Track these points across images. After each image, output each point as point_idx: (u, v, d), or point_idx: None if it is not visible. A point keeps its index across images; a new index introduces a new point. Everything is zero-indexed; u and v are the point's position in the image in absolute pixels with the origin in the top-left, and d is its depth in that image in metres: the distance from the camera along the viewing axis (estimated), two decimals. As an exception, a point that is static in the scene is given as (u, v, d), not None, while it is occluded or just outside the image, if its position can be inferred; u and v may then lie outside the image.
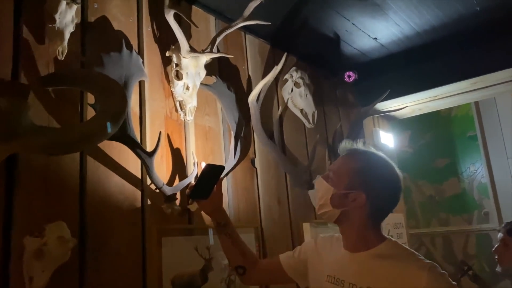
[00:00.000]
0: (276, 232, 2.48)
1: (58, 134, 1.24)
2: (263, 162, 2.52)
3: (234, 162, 2.16)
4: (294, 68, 2.80)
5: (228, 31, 2.07)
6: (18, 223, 1.42)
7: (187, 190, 1.65)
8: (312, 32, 2.78)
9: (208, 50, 1.98)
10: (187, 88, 1.97)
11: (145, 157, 1.72)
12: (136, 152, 1.71)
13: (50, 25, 1.57)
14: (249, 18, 2.04)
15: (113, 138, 1.68)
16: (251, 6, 2.04)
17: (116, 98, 1.41)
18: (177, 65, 1.96)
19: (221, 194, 1.71)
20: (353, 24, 2.70)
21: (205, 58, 2.01)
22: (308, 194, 2.53)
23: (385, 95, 3.21)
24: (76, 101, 1.64)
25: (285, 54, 2.46)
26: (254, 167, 2.44)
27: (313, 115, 2.75)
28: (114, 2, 1.91)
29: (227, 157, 2.24)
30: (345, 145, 1.51)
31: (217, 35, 2.05)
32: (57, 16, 1.57)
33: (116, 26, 1.89)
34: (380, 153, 1.50)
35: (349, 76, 3.15)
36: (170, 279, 1.83)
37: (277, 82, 2.79)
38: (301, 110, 2.77)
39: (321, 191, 1.44)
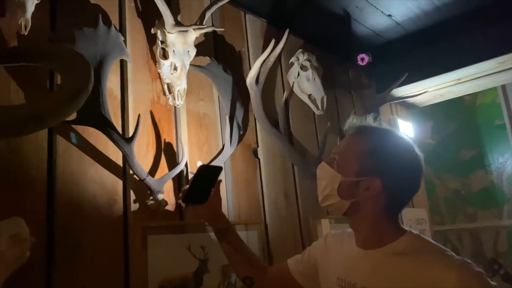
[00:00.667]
0: (283, 230, 2.24)
1: (1, 113, 1.03)
2: (267, 152, 2.28)
3: (231, 151, 1.93)
4: (300, 50, 2.56)
5: (220, 3, 1.84)
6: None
7: (180, 194, 1.45)
8: (319, 10, 2.54)
9: (197, 24, 1.75)
10: (175, 69, 1.75)
11: (123, 143, 1.51)
12: (112, 138, 1.50)
13: (9, -4, 1.38)
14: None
15: (85, 122, 1.48)
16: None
17: (78, 73, 1.20)
18: (162, 42, 1.75)
19: (220, 198, 1.51)
20: (363, -2, 2.44)
21: (194, 34, 1.79)
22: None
23: (402, 79, 2.94)
24: (45, 82, 1.44)
25: (287, 30, 2.21)
26: (257, 157, 2.21)
27: (322, 101, 2.50)
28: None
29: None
30: (352, 121, 1.27)
31: (207, 8, 1.82)
32: (14, -13, 1.38)
33: (92, 8, 1.69)
34: (396, 130, 1.26)
35: (362, 59, 2.89)
36: (158, 283, 1.61)
37: (282, 66, 2.55)
38: (309, 96, 2.53)
39: (325, 179, 1.20)
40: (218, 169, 1.42)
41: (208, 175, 1.42)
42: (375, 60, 3.07)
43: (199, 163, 1.58)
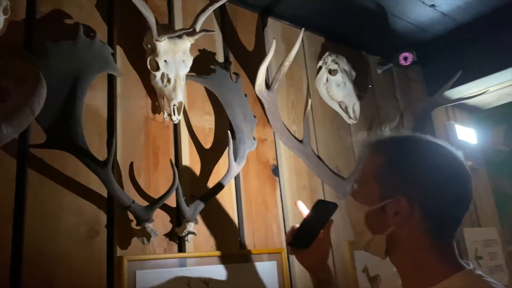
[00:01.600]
0: (311, 257, 1.94)
1: None
2: (289, 169, 2.01)
3: (237, 170, 1.69)
4: (328, 52, 2.27)
5: (216, 5, 1.63)
6: None
7: (288, 235, 1.21)
8: (349, 7, 2.24)
9: (188, 30, 1.55)
10: (168, 81, 1.56)
11: (97, 168, 1.33)
12: (85, 162, 1.33)
13: (-29, 10, 1.27)
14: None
15: (55, 145, 1.33)
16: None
17: (24, 92, 1.04)
18: (152, 52, 1.56)
19: (329, 243, 1.25)
20: (398, -12, 2.11)
21: (187, 41, 1.59)
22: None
23: (455, 78, 2.53)
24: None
25: (302, 30, 1.94)
26: (276, 176, 1.95)
27: (354, 108, 2.19)
28: (75, -16, 1.58)
29: (235, 165, 1.78)
30: (363, 137, 1.05)
31: (201, 12, 1.61)
32: (-23, 0, 1.26)
33: (76, 12, 1.55)
34: (424, 136, 0.98)
35: (405, 58, 2.53)
36: (149, 327, 1.40)
37: (307, 71, 2.28)
38: (340, 103, 2.23)
39: (352, 215, 1.00)
40: (334, 207, 1.18)
41: (322, 213, 1.18)
42: (423, 58, 2.70)
43: (300, 203, 1.32)
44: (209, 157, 1.74)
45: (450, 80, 2.57)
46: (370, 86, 2.52)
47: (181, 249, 1.57)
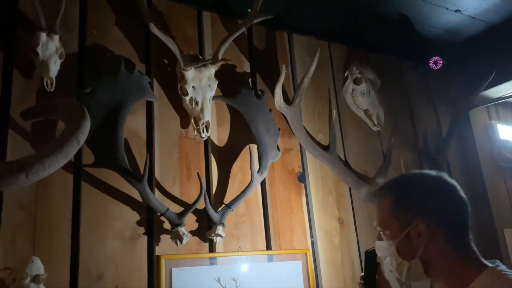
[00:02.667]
0: (336, 259, 2.09)
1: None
2: (315, 176, 2.17)
3: (260, 179, 1.89)
4: (354, 63, 2.40)
5: (235, 34, 1.84)
6: (1, 258, 1.42)
7: (360, 283, 1.36)
8: (373, 18, 2.35)
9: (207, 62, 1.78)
10: (196, 103, 1.80)
11: (135, 182, 1.60)
12: (126, 178, 1.61)
13: (35, 59, 1.59)
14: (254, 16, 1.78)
15: (101, 164, 1.62)
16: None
17: (72, 125, 1.32)
18: (181, 80, 1.81)
19: (386, 281, 1.35)
20: (417, -3, 2.19)
21: (212, 68, 1.82)
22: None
23: (489, 79, 2.54)
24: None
25: (318, 50, 2.09)
26: (302, 182, 2.12)
27: (378, 116, 2.29)
28: (117, 25, 1.87)
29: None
30: (367, 191, 1.22)
31: (222, 41, 1.84)
32: (39, 49, 1.58)
33: (118, 49, 1.84)
34: (412, 171, 1.22)
35: (435, 63, 2.58)
36: (183, 316, 1.65)
37: (335, 81, 2.42)
38: (365, 111, 2.34)
39: (386, 254, 1.14)
40: (374, 252, 1.29)
41: (371, 260, 1.32)
42: (457, 60, 2.72)
43: None
44: (235, 168, 1.95)
45: (484, 81, 2.58)
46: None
47: (212, 249, 1.80)
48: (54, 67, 1.61)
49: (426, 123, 2.72)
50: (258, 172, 1.88)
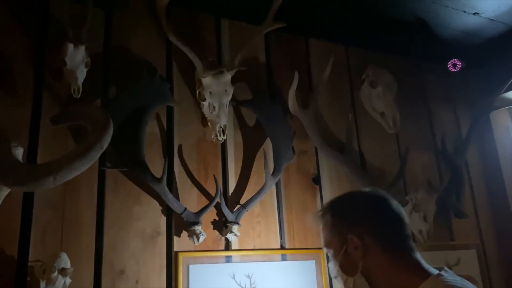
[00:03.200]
0: (351, 258, 2.14)
1: (26, 170, 1.31)
2: (329, 178, 2.23)
3: (274, 180, 1.96)
4: (370, 66, 2.43)
5: (250, 43, 1.92)
6: (32, 251, 1.55)
7: None
8: (390, 22, 2.37)
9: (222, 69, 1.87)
10: (213, 108, 1.89)
11: (155, 183, 1.70)
12: (146, 179, 1.71)
13: (63, 67, 1.71)
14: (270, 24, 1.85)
15: (125, 166, 1.73)
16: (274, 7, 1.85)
17: (96, 130, 1.43)
18: (199, 86, 1.90)
19: None
20: (433, 2, 2.20)
21: (228, 74, 1.90)
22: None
23: (511, 80, 2.52)
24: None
25: (332, 57, 2.13)
26: (317, 184, 2.18)
27: (394, 118, 2.32)
28: (139, 34, 1.97)
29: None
30: (313, 215, 1.37)
31: (238, 50, 1.92)
32: (66, 59, 1.70)
33: (141, 56, 1.95)
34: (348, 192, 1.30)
35: (454, 65, 2.58)
36: (200, 310, 1.74)
37: (352, 84, 2.46)
38: (381, 114, 2.37)
39: (335, 273, 1.20)
40: None
41: None
42: (477, 62, 2.71)
43: None
44: (252, 170, 2.03)
45: (505, 82, 2.56)
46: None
47: (228, 247, 1.89)
48: (81, 75, 1.73)
49: (445, 125, 2.71)
50: (272, 174, 1.95)
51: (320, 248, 2.02)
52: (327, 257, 1.23)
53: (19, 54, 1.72)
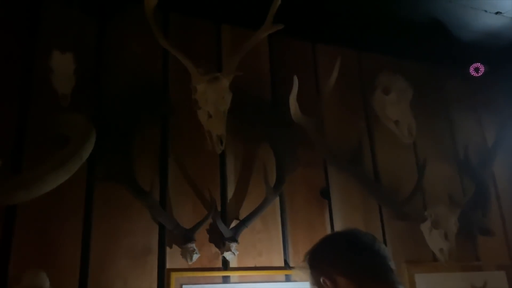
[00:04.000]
0: (364, 279, 1.95)
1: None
2: (339, 191, 2.06)
3: (274, 194, 1.81)
4: (383, 71, 2.27)
5: (248, 47, 1.79)
6: (11, 269, 1.45)
7: None
8: (408, 25, 2.22)
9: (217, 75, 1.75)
10: (210, 116, 1.77)
11: (143, 197, 1.58)
12: (134, 193, 1.60)
13: (50, 75, 1.64)
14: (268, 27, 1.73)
15: (113, 179, 1.62)
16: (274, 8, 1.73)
17: (76, 141, 1.33)
18: (195, 92, 1.79)
19: None
20: (449, 1, 2.03)
21: (225, 80, 1.78)
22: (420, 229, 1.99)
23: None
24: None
25: (339, 58, 1.97)
26: (325, 198, 2.02)
27: (410, 127, 2.14)
28: (134, 40, 1.89)
29: (280, 189, 1.91)
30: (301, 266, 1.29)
31: (234, 55, 1.79)
32: (53, 66, 1.62)
33: (135, 63, 1.86)
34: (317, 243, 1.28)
35: (476, 69, 2.39)
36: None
37: (364, 91, 2.31)
38: (396, 122, 2.20)
39: None
40: None
41: None
42: (501, 65, 2.51)
43: None
44: (252, 183, 1.89)
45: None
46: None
47: (226, 266, 1.74)
48: (69, 83, 1.65)
49: (467, 133, 2.51)
50: (274, 187, 1.80)
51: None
52: None
53: (4, 59, 1.65)
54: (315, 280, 1.17)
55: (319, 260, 1.21)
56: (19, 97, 1.64)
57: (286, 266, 1.83)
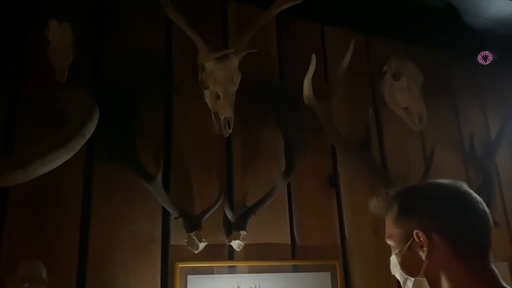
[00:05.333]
0: (371, 271, 1.89)
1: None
2: (348, 179, 1.99)
3: (283, 181, 1.72)
4: (393, 57, 2.19)
5: (260, 24, 1.69)
6: (3, 256, 1.33)
7: None
8: (420, 9, 2.14)
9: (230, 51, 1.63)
10: (218, 97, 1.66)
11: (148, 181, 1.47)
12: (139, 176, 1.48)
13: (46, 47, 1.50)
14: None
15: (115, 162, 1.50)
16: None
17: (78, 119, 1.21)
18: (202, 71, 1.67)
19: None
20: (466, -17, 1.96)
21: (235, 59, 1.67)
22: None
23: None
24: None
25: (353, 40, 1.88)
26: (333, 186, 1.94)
27: (421, 115, 2.07)
28: (137, 13, 1.75)
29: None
30: (375, 202, 1.14)
31: (246, 32, 1.69)
32: (50, 37, 1.48)
33: (138, 38, 1.73)
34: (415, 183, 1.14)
35: (485, 58, 2.33)
36: (198, 328, 1.51)
37: (372, 76, 2.23)
38: (405, 109, 2.13)
39: (395, 270, 1.13)
40: None
41: None
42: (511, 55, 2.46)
43: None
44: (260, 168, 1.80)
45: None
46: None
47: (232, 256, 1.65)
48: (66, 57, 1.52)
49: (473, 123, 2.47)
50: (283, 173, 1.71)
51: (336, 259, 1.81)
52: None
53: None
54: (402, 227, 0.99)
55: (419, 207, 0.99)
56: (12, 71, 1.50)
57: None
